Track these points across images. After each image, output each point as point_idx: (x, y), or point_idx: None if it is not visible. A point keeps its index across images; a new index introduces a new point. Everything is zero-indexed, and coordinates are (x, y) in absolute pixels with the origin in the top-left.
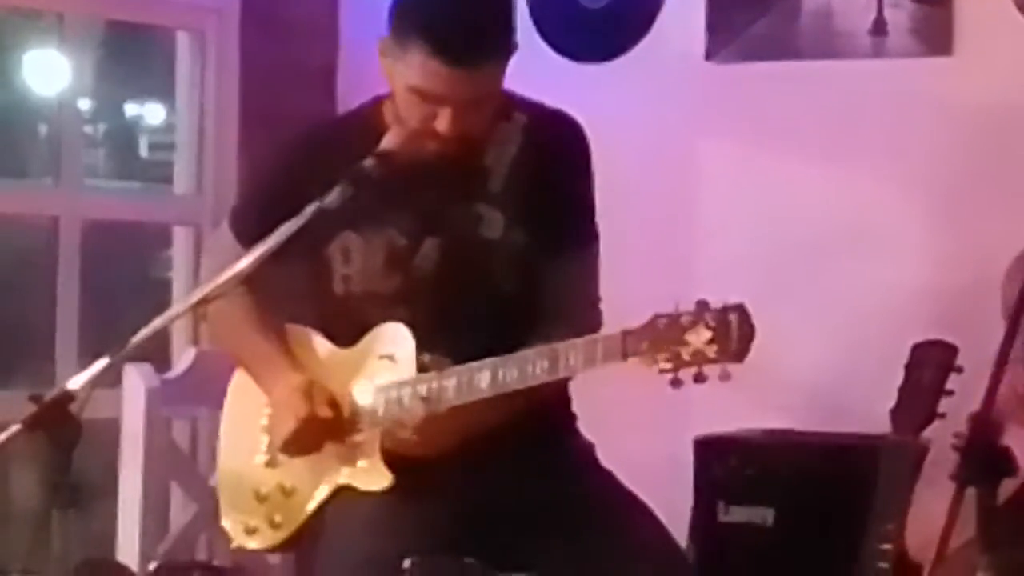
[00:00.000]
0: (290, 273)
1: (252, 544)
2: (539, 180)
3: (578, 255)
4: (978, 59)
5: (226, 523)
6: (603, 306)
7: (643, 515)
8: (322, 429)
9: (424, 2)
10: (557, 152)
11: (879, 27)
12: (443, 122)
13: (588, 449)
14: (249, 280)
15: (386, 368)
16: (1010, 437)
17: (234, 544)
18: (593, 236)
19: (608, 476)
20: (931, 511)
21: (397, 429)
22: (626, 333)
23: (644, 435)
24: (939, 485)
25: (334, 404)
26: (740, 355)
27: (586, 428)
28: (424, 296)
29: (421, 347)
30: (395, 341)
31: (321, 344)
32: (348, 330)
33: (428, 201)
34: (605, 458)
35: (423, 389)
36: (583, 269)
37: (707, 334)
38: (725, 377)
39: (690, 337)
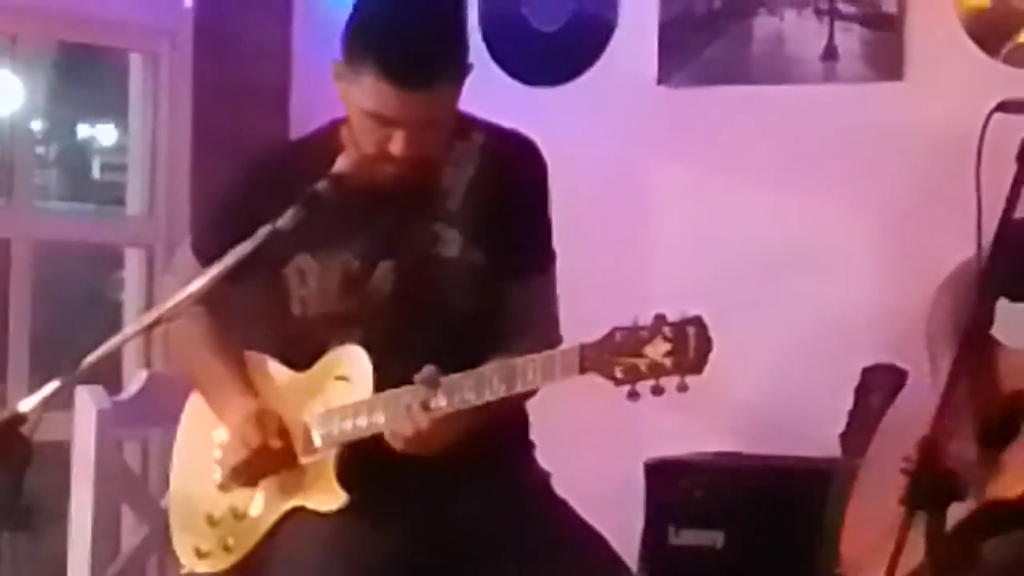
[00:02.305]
0: (248, 294)
1: (203, 568)
2: (496, 199)
3: (536, 275)
4: (929, 84)
5: (177, 547)
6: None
7: (597, 547)
8: (273, 459)
9: (375, 26)
10: (514, 172)
11: (830, 52)
12: (397, 145)
13: (544, 478)
14: (208, 301)
15: (342, 390)
16: (957, 460)
17: (184, 569)
18: (551, 256)
19: (563, 507)
20: (869, 531)
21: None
22: (584, 346)
23: (596, 459)
24: (877, 504)
25: (285, 432)
26: (698, 367)
27: (540, 451)
28: (380, 318)
29: (378, 369)
30: (351, 363)
31: (277, 369)
32: (305, 352)
33: (384, 223)
34: (559, 482)
35: (378, 415)
36: (542, 289)
37: (665, 346)
38: (683, 388)
39: (648, 350)
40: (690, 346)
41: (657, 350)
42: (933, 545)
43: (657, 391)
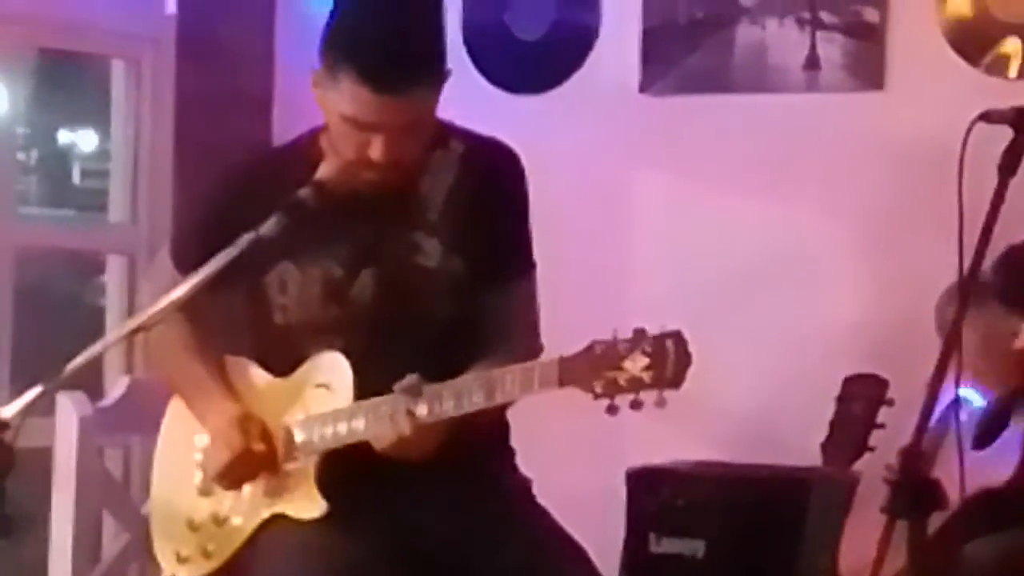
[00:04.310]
0: (229, 303)
1: (183, 573)
2: (476, 208)
3: (517, 283)
4: (910, 93)
5: (158, 552)
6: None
7: (575, 556)
8: (255, 462)
9: (352, 31)
10: (494, 180)
11: (812, 62)
12: (376, 150)
13: (524, 485)
14: (188, 308)
15: (322, 397)
16: (939, 470)
17: (165, 574)
18: (531, 264)
19: (543, 514)
20: (862, 544)
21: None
22: (563, 359)
23: (578, 466)
24: (870, 518)
25: (268, 437)
26: (676, 382)
27: (521, 459)
28: (361, 327)
29: (358, 377)
30: (332, 370)
31: (257, 374)
32: (286, 360)
33: (365, 231)
34: (539, 489)
35: (359, 422)
36: (522, 297)
37: (644, 360)
38: (661, 404)
39: (627, 364)
40: (669, 361)
41: (636, 364)
42: (914, 552)
43: (636, 405)
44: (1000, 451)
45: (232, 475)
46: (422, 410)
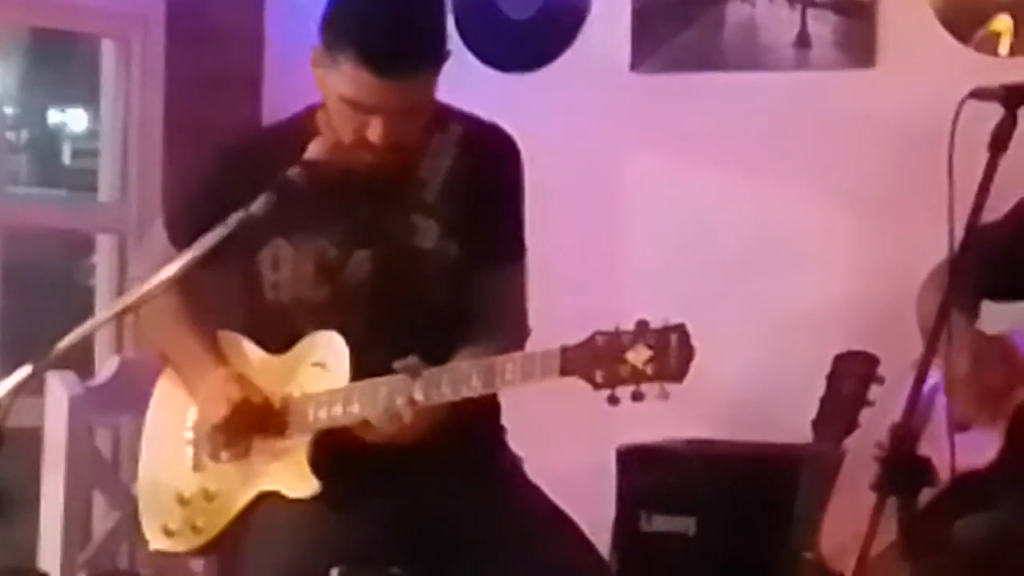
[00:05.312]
0: (222, 279)
1: (170, 547)
2: (473, 192)
3: (509, 267)
4: (901, 71)
5: (145, 527)
6: (530, 316)
7: (569, 532)
8: (252, 419)
9: (354, 12)
10: (492, 165)
11: (803, 40)
12: (375, 132)
13: (516, 463)
14: (181, 283)
15: (318, 376)
16: (929, 446)
17: (152, 547)
18: (522, 249)
19: (535, 491)
20: (848, 521)
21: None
22: (565, 349)
23: (569, 444)
24: (858, 494)
25: (263, 398)
26: (679, 375)
27: (512, 437)
28: (354, 306)
29: (353, 356)
30: (328, 349)
31: (252, 349)
32: (278, 337)
33: (361, 212)
34: (530, 467)
35: (355, 406)
36: (514, 281)
37: (647, 353)
38: (663, 396)
39: (629, 355)
40: (672, 354)
41: (639, 356)
42: (905, 529)
43: (637, 396)
44: (982, 433)
45: (229, 429)
46: (419, 395)
